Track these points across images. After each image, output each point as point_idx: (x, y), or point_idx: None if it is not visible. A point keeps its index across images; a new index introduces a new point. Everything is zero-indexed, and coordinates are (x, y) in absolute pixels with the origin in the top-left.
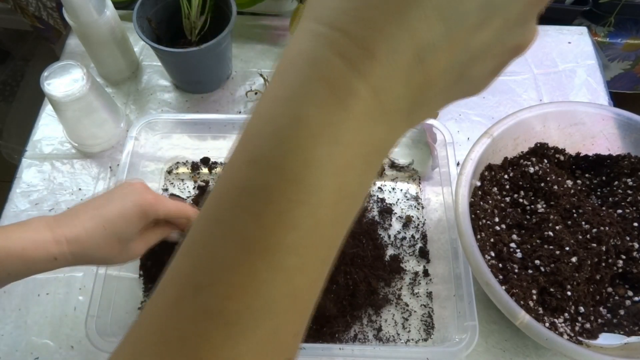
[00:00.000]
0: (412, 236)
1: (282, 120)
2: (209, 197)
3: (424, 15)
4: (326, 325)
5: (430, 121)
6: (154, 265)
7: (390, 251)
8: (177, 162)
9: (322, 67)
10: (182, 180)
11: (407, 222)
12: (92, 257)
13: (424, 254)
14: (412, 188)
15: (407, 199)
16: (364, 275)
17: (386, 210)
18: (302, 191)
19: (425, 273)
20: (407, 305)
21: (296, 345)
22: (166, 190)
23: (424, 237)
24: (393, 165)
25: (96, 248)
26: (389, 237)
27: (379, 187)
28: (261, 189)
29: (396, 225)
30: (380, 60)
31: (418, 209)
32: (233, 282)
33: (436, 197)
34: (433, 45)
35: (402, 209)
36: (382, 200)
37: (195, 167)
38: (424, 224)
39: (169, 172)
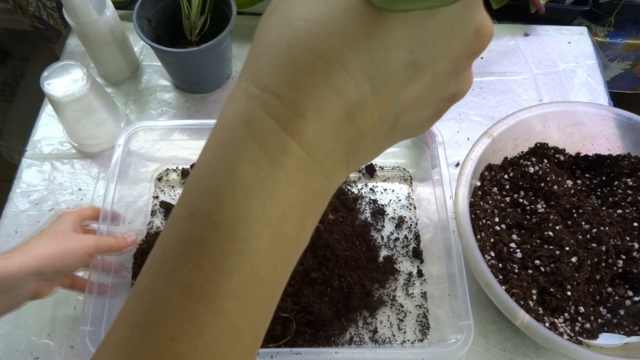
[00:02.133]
0: (405, 237)
1: (218, 177)
2: (157, 243)
3: (349, 75)
4: (321, 329)
5: None
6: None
7: (383, 252)
8: (167, 169)
9: (255, 127)
10: (173, 187)
11: (399, 222)
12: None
13: (417, 255)
14: (404, 189)
15: (399, 200)
16: (358, 278)
17: (378, 212)
18: (236, 242)
19: (419, 273)
20: (402, 306)
21: None
22: (157, 197)
23: (417, 237)
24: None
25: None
26: (382, 238)
27: (371, 189)
28: (199, 240)
29: (389, 227)
30: (309, 119)
31: (410, 209)
32: (176, 324)
33: (428, 197)
34: (360, 102)
35: (394, 209)
36: (375, 201)
37: (185, 173)
38: (416, 224)
39: (159, 179)
